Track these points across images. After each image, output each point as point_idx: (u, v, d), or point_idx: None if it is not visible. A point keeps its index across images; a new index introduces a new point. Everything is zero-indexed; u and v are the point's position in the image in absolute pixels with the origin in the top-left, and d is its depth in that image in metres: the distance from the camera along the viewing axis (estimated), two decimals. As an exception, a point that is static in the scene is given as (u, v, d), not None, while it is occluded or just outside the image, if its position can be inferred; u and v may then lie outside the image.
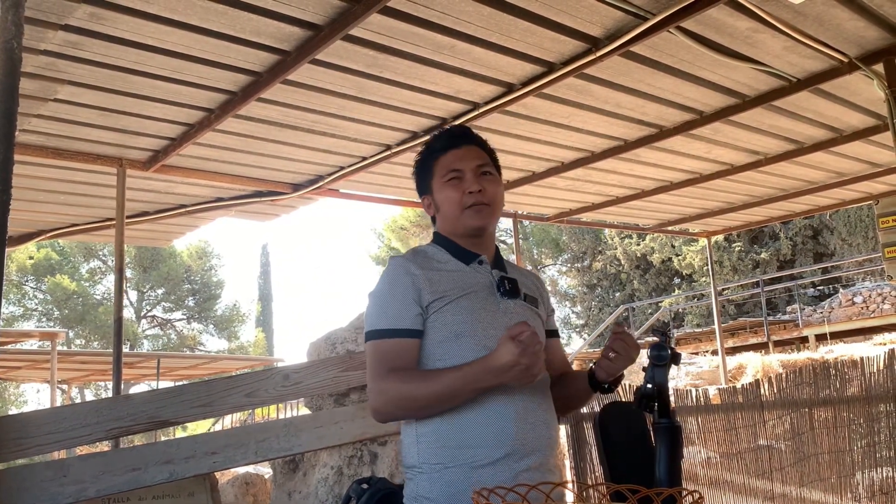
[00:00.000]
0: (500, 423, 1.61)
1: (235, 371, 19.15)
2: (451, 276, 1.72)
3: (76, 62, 3.75)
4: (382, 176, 5.99)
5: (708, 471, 4.09)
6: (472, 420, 1.61)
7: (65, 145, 4.91)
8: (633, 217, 8.47)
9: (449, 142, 1.83)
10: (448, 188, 1.78)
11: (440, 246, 1.81)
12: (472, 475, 1.59)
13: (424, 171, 1.85)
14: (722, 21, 3.74)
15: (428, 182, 1.83)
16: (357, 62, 3.92)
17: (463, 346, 1.65)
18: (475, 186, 1.76)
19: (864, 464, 4.43)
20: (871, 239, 17.92)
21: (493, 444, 1.60)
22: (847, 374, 4.58)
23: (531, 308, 1.79)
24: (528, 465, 1.62)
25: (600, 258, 23.97)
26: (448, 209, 1.78)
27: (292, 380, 2.70)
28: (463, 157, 1.79)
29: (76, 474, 2.28)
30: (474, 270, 1.76)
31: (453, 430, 1.62)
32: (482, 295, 1.72)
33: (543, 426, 1.67)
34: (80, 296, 28.94)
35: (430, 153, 1.84)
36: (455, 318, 1.67)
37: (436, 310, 1.68)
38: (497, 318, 1.70)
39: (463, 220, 1.76)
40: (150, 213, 6.60)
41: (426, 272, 1.71)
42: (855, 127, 5.60)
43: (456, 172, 1.78)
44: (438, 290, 1.69)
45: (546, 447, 1.67)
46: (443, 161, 1.80)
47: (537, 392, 1.69)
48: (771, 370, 10.30)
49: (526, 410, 1.65)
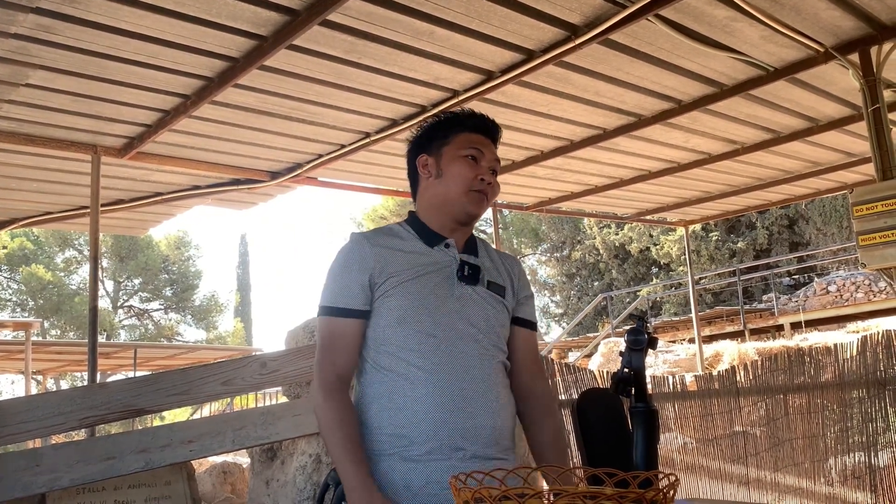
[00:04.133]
0: (433, 411, 1.59)
1: (214, 360, 19.01)
2: (406, 258, 1.69)
3: (48, 46, 3.68)
4: (361, 164, 5.96)
5: (684, 456, 4.14)
6: (405, 406, 1.60)
7: (37, 131, 4.83)
8: (612, 206, 8.51)
9: (482, 124, 1.80)
10: (464, 163, 1.74)
11: (409, 226, 1.78)
12: (405, 466, 1.59)
13: (439, 133, 1.79)
14: (700, 9, 3.75)
15: (439, 145, 1.78)
16: (335, 48, 3.89)
17: (404, 334, 1.63)
18: (489, 177, 1.75)
19: (837, 449, 4.50)
20: (845, 228, 18.16)
21: (427, 432, 1.59)
22: (821, 361, 4.64)
23: (493, 295, 1.75)
24: (467, 455, 1.59)
25: (579, 248, 24.07)
26: (454, 182, 1.73)
27: (270, 368, 2.69)
28: (487, 146, 1.78)
29: (50, 463, 2.25)
30: (436, 253, 1.73)
31: (387, 414, 1.62)
32: (437, 279, 1.68)
33: (486, 415, 1.64)
34: (55, 285, 28.56)
35: (457, 122, 1.79)
36: (400, 303, 1.64)
37: (382, 292, 1.66)
38: (447, 303, 1.67)
39: (464, 201, 1.73)
40: (126, 201, 6.53)
41: (380, 250, 1.68)
42: (830, 117, 5.65)
43: (478, 152, 1.75)
44: (388, 270, 1.66)
45: (488, 437, 1.63)
46: (468, 137, 1.77)
47: (481, 380, 1.65)
48: (747, 358, 10.42)
49: (464, 399, 1.62)
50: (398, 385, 1.62)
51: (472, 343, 1.67)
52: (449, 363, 1.63)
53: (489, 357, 1.71)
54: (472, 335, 1.68)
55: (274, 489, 3.48)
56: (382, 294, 1.66)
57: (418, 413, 1.60)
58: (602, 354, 12.70)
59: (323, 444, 1.74)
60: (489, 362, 1.70)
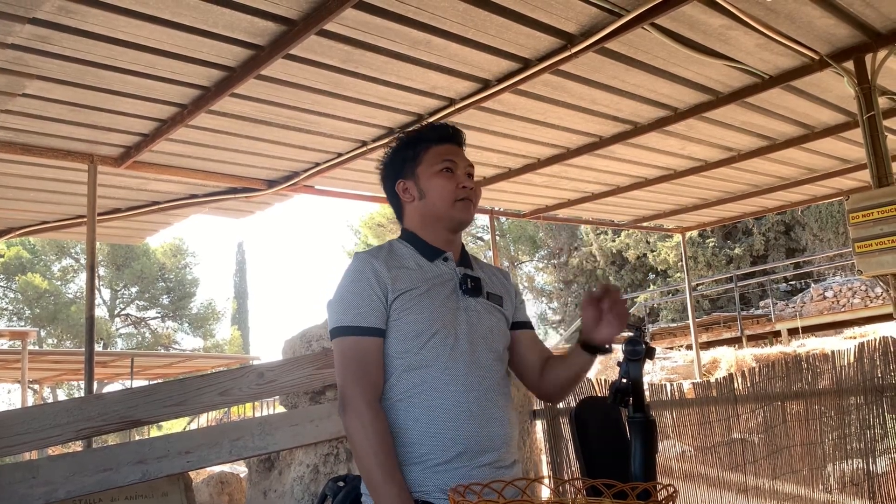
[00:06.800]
0: (452, 421, 1.61)
1: (211, 370, 18.98)
2: (413, 273, 1.72)
3: (45, 56, 3.69)
4: (358, 172, 5.96)
5: (682, 464, 4.13)
6: (425, 418, 1.61)
7: (34, 141, 4.83)
8: (609, 213, 8.52)
9: (444, 134, 1.83)
10: (441, 178, 1.77)
11: (406, 242, 1.80)
12: (422, 475, 1.59)
13: (408, 155, 1.82)
14: (696, 18, 3.77)
15: (412, 167, 1.81)
16: (332, 57, 3.89)
17: (421, 346, 1.65)
18: (468, 182, 1.78)
19: (835, 456, 4.50)
20: (841, 234, 18.20)
21: (446, 443, 1.60)
22: (818, 367, 4.64)
23: (494, 306, 1.79)
24: (483, 462, 1.62)
25: (576, 254, 24.08)
26: (439, 198, 1.77)
27: (267, 378, 2.68)
28: (457, 154, 1.81)
29: (46, 475, 2.24)
30: (437, 267, 1.76)
31: (407, 426, 1.62)
32: (444, 292, 1.72)
33: (498, 424, 1.66)
34: (52, 294, 28.49)
35: (421, 140, 1.82)
36: (418, 317, 1.66)
37: (398, 307, 1.67)
38: (457, 316, 1.70)
39: (453, 212, 1.77)
40: (123, 210, 6.52)
41: (389, 268, 1.70)
42: (826, 124, 5.67)
43: (450, 162, 1.78)
44: (399, 286, 1.68)
45: (501, 445, 1.66)
46: (436, 150, 1.80)
47: (492, 390, 1.69)
48: (744, 364, 10.41)
49: (480, 408, 1.64)
50: (415, 397, 1.64)
51: (485, 353, 1.71)
52: (466, 374, 1.66)
53: (500, 367, 1.75)
54: (484, 345, 1.72)
55: (272, 499, 3.46)
56: (398, 309, 1.67)
57: (437, 423, 1.61)
58: (600, 361, 12.69)
59: (357, 463, 1.69)
60: (499, 372, 1.74)
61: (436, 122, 1.89)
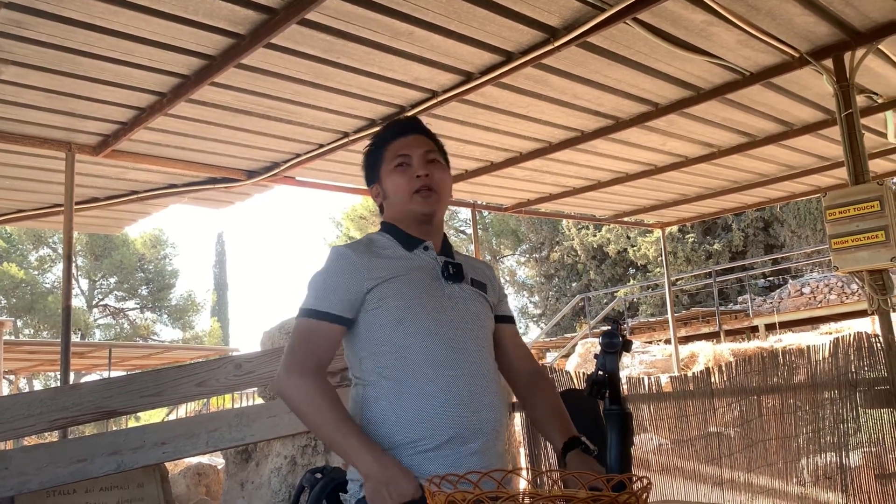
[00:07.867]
0: (442, 407, 1.61)
1: (189, 361, 18.86)
2: (392, 262, 1.73)
3: (21, 42, 3.62)
4: (339, 164, 5.93)
5: (659, 457, 4.17)
6: (415, 405, 1.61)
7: (10, 128, 4.75)
8: (590, 208, 8.55)
9: (397, 130, 1.85)
10: (396, 174, 1.79)
11: (386, 233, 1.82)
12: (414, 460, 1.59)
13: (373, 160, 1.86)
14: (678, 14, 3.78)
15: (376, 171, 1.85)
16: (313, 47, 3.86)
17: (406, 333, 1.65)
18: (422, 171, 1.78)
19: (809, 449, 4.55)
20: (819, 231, 18.41)
21: (437, 428, 1.60)
22: (794, 362, 4.69)
23: (478, 292, 1.80)
24: (474, 449, 1.62)
25: (558, 249, 24.17)
26: (396, 194, 1.79)
27: (245, 369, 2.66)
28: (410, 144, 1.82)
29: (19, 466, 2.22)
30: (418, 256, 1.77)
31: (397, 413, 1.62)
32: (426, 280, 1.72)
33: (488, 410, 1.67)
34: (28, 284, 28.16)
35: (379, 142, 1.86)
36: (397, 304, 1.67)
37: (377, 295, 1.68)
38: (441, 302, 1.71)
39: (410, 206, 1.77)
40: (101, 200, 6.44)
41: (366, 258, 1.71)
42: (805, 121, 5.72)
43: (404, 158, 1.80)
44: (377, 275, 1.68)
45: (491, 431, 1.67)
46: (391, 148, 1.82)
47: (481, 376, 1.69)
48: (722, 359, 10.52)
49: (470, 394, 1.65)
50: (404, 384, 1.64)
51: (471, 339, 1.72)
52: (453, 359, 1.66)
53: (487, 352, 1.76)
54: (469, 331, 1.72)
55: (249, 491, 3.45)
56: (378, 297, 1.68)
57: (426, 410, 1.61)
58: (579, 355, 12.76)
59: (312, 432, 1.67)
60: (487, 357, 1.75)
61: (393, 119, 1.90)
